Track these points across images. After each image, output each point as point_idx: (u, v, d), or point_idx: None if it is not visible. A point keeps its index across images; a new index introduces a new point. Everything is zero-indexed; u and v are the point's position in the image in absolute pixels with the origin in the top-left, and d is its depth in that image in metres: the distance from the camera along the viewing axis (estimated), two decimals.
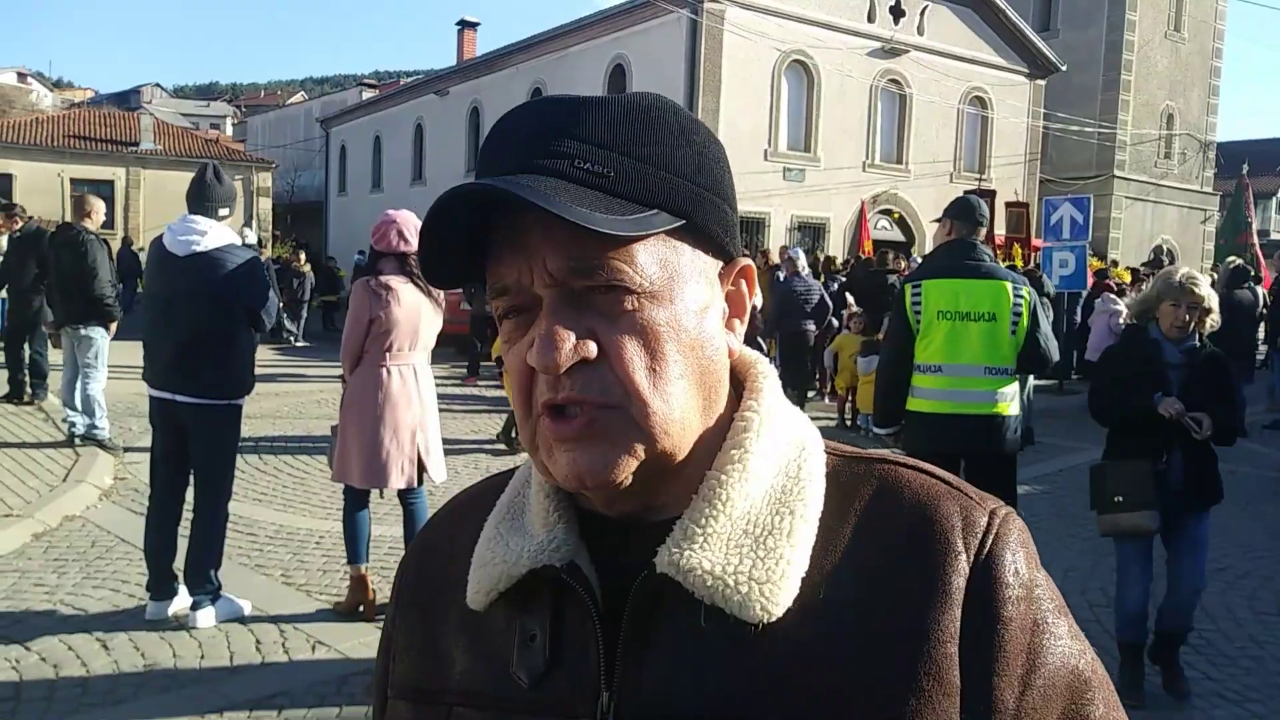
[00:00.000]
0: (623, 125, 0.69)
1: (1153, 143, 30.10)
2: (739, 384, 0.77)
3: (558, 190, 0.64)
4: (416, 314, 4.47)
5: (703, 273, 0.72)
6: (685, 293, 0.70)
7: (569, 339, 0.66)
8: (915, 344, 4.40)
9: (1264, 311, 13.80)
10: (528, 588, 0.72)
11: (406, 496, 4.62)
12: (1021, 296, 4.32)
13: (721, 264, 0.74)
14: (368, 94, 39.95)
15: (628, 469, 0.68)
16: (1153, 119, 30.01)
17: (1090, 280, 13.98)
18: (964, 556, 0.69)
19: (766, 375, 0.78)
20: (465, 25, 34.34)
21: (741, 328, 0.76)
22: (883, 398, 4.64)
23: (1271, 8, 34.55)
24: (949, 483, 0.74)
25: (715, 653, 0.67)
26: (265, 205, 31.88)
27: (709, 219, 0.72)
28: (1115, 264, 20.06)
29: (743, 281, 0.77)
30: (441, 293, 4.59)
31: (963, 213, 4.60)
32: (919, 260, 17.90)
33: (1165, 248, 30.52)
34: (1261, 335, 13.70)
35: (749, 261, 0.77)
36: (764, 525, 0.70)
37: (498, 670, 0.74)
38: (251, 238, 15.51)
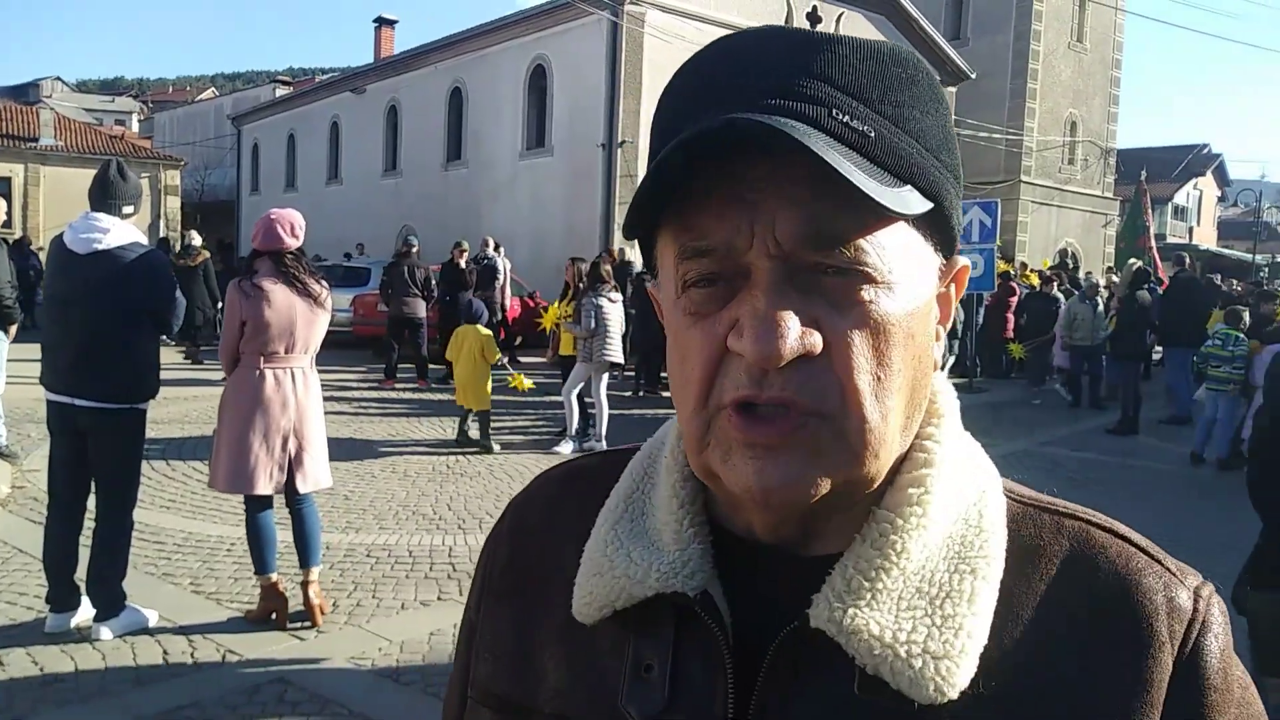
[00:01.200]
0: (881, 77, 0.57)
1: (1057, 149, 31.19)
2: None
3: (816, 141, 0.52)
4: (290, 316, 4.36)
5: (932, 269, 0.61)
6: (917, 290, 0.59)
7: (795, 326, 0.54)
8: None
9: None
10: (647, 609, 0.63)
11: (294, 502, 4.51)
12: None
13: (943, 260, 0.63)
14: (281, 91, 39.01)
15: (822, 490, 0.57)
16: (1057, 126, 31.12)
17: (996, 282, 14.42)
18: (1169, 648, 0.59)
19: (949, 396, 0.67)
20: (383, 22, 33.82)
21: (944, 336, 0.65)
22: None
23: (1166, 22, 36.15)
24: (1149, 552, 0.64)
25: None
26: (173, 204, 30.87)
27: (952, 206, 0.61)
28: (1025, 266, 20.71)
29: (954, 284, 0.65)
30: (325, 293, 4.47)
31: None
32: None
33: (1070, 250, 31.68)
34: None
35: (967, 262, 0.66)
36: (941, 585, 0.59)
37: (600, 698, 0.64)
38: (196, 240, 15.04)
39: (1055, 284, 15.89)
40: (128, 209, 4.35)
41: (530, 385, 9.84)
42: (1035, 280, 17.84)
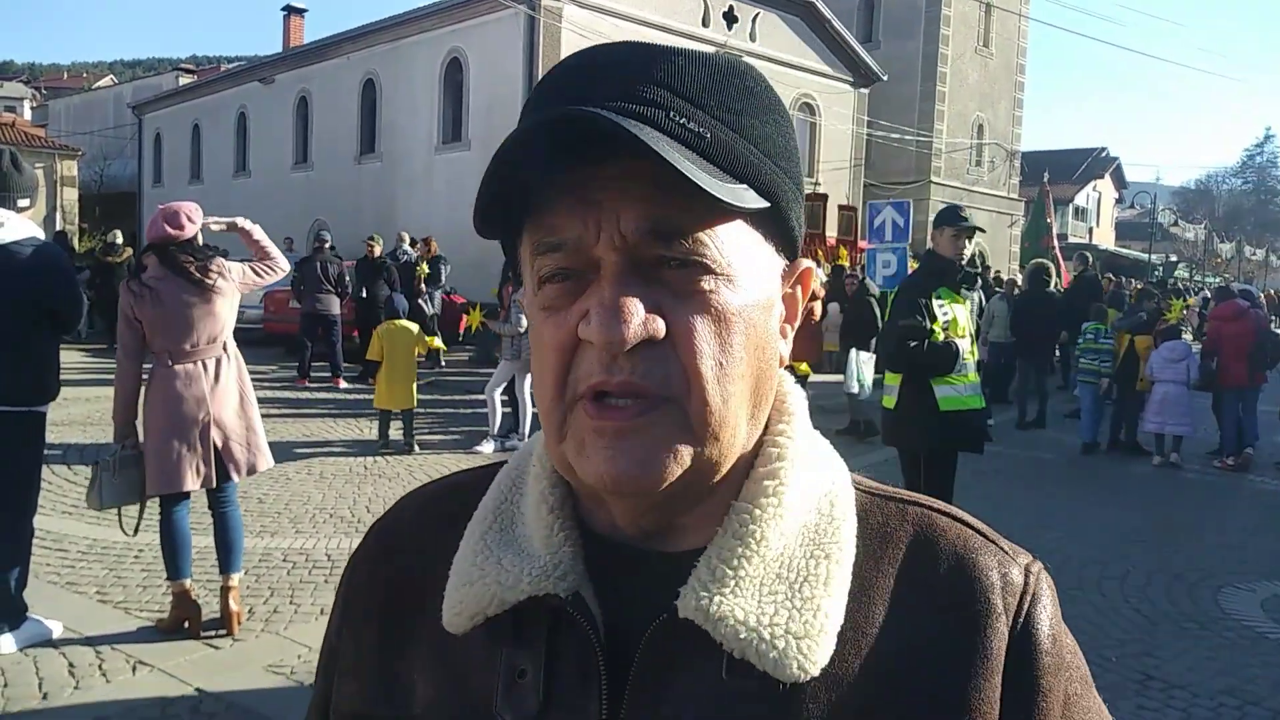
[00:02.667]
0: (718, 86, 0.61)
1: (965, 151, 32.13)
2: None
3: (657, 141, 0.55)
4: (184, 310, 4.21)
5: (772, 266, 0.65)
6: (757, 284, 0.62)
7: (639, 311, 0.58)
8: None
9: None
10: (518, 615, 0.64)
11: (218, 504, 4.40)
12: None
13: (786, 261, 0.67)
14: (185, 79, 37.72)
15: (672, 474, 0.59)
16: (965, 128, 32.04)
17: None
18: (1004, 619, 0.64)
19: (798, 396, 0.71)
20: (292, 11, 32.91)
21: (791, 335, 0.69)
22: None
23: (1067, 30, 37.56)
24: (984, 534, 0.69)
25: (736, 709, 0.60)
26: (70, 195, 29.57)
27: (790, 207, 0.65)
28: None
29: (799, 286, 0.69)
30: (219, 278, 4.24)
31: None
32: None
33: (978, 250, 32.66)
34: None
35: (811, 264, 0.70)
36: (799, 570, 0.63)
37: (473, 707, 0.65)
38: (119, 238, 14.43)
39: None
40: (23, 201, 4.15)
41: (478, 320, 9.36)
42: None
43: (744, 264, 0.61)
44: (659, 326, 0.58)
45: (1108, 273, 21.37)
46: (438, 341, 9.53)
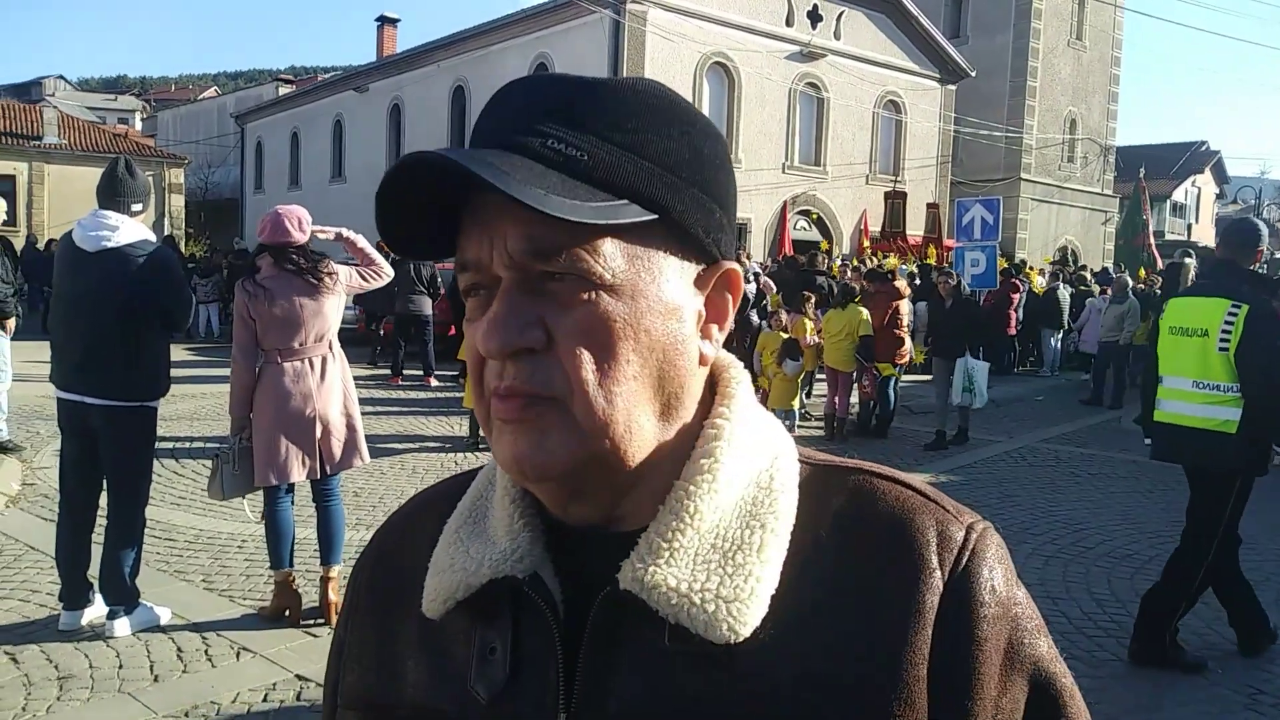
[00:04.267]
0: (607, 108, 0.65)
1: (1056, 147, 31.20)
2: (713, 390, 0.73)
3: (519, 169, 0.61)
4: (297, 309, 4.40)
5: (679, 273, 0.67)
6: (652, 291, 0.65)
7: (514, 325, 0.63)
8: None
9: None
10: (488, 598, 0.69)
11: (321, 497, 4.57)
12: (1234, 314, 4.30)
13: (702, 266, 0.69)
14: (284, 89, 39.01)
15: (560, 462, 0.64)
16: (1056, 124, 31.11)
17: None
18: (938, 573, 0.66)
19: (739, 380, 0.73)
20: (385, 21, 33.82)
21: (721, 334, 0.71)
22: (1141, 408, 4.84)
23: (1165, 19, 36.10)
24: (925, 495, 0.71)
25: (679, 674, 0.64)
26: (178, 202, 30.90)
27: (688, 216, 0.67)
28: (1024, 263, 20.72)
29: (726, 287, 0.71)
30: (329, 277, 4.47)
31: (1226, 234, 4.73)
32: (842, 260, 18.21)
33: (1069, 248, 31.68)
34: None
35: (734, 265, 0.72)
36: (733, 540, 0.66)
37: (454, 685, 0.70)
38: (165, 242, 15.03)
39: (1060, 279, 15.90)
40: (136, 206, 4.36)
41: None
42: (1035, 277, 17.85)
43: (635, 273, 0.65)
44: (536, 336, 0.63)
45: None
46: None
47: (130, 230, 4.27)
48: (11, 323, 7.73)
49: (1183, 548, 4.53)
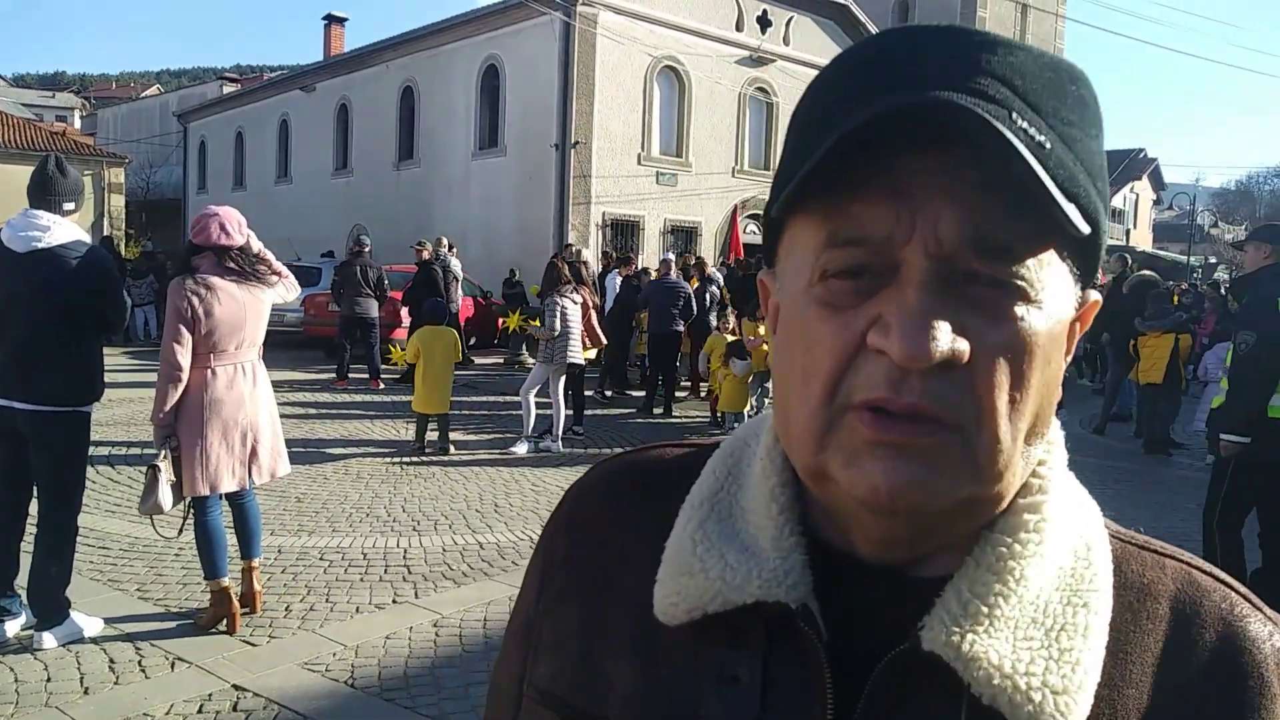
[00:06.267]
0: (1057, 91, 0.55)
1: None
2: None
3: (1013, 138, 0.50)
4: (240, 311, 4.33)
5: (1071, 297, 0.58)
6: (1060, 314, 0.56)
7: (947, 329, 0.51)
8: None
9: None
10: (735, 618, 0.60)
11: (235, 496, 4.49)
12: None
13: (1080, 290, 0.59)
14: (229, 88, 38.36)
15: (947, 500, 0.54)
16: None
17: None
18: (1279, 699, 0.58)
19: (1057, 425, 0.63)
20: (333, 20, 33.42)
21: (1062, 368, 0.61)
22: (1254, 405, 4.79)
23: (1104, 29, 37.05)
24: (1249, 599, 0.63)
25: None
26: (118, 202, 30.18)
27: (1104, 235, 0.58)
28: None
29: (1085, 317, 0.61)
30: (275, 275, 4.45)
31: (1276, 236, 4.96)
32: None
33: None
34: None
35: (1099, 297, 0.62)
36: (1055, 617, 0.57)
37: (677, 708, 0.61)
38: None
39: None
40: (68, 205, 4.23)
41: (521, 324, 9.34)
42: None
43: (1053, 291, 0.55)
44: (963, 348, 0.52)
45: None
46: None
47: (63, 231, 4.15)
48: None
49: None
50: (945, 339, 0.51)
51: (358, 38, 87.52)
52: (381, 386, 12.53)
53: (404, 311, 13.67)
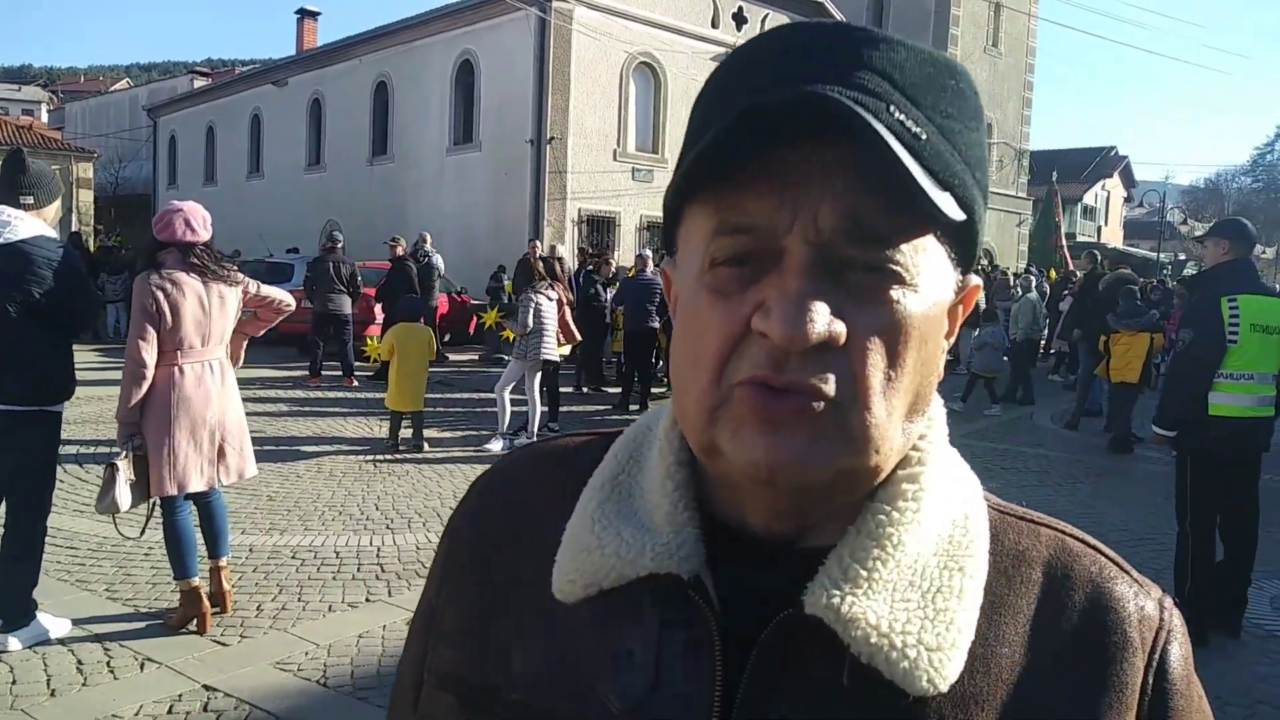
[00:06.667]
0: (934, 84, 0.58)
1: None
2: None
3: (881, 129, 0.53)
4: (206, 307, 4.29)
5: (950, 281, 0.61)
6: (936, 297, 0.59)
7: (824, 312, 0.54)
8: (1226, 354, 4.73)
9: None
10: (631, 593, 0.62)
11: (201, 495, 4.44)
12: None
13: (960, 276, 0.63)
14: (199, 82, 37.94)
15: (826, 474, 0.56)
16: None
17: None
18: (1140, 654, 0.62)
19: (939, 403, 0.67)
20: (305, 14, 33.08)
21: (945, 350, 0.64)
22: (1186, 401, 4.85)
23: (1075, 29, 37.31)
24: (1117, 562, 0.67)
25: (852, 716, 0.58)
26: (86, 197, 29.77)
27: (981, 223, 0.60)
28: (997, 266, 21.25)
29: (966, 301, 0.65)
30: (237, 275, 4.44)
31: (1241, 234, 5.01)
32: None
33: (986, 249, 32.56)
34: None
35: (979, 281, 0.66)
36: (932, 580, 0.60)
37: (573, 684, 0.63)
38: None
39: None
40: (27, 199, 4.14)
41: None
42: (1010, 280, 18.34)
43: (929, 275, 0.58)
44: (840, 330, 0.55)
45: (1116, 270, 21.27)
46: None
47: (25, 226, 4.07)
48: None
49: (1247, 527, 4.96)
50: (822, 322, 0.54)
51: (331, 32, 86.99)
52: (355, 384, 12.46)
53: (378, 308, 13.59)
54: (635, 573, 0.61)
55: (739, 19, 24.17)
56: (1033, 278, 16.91)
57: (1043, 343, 15.51)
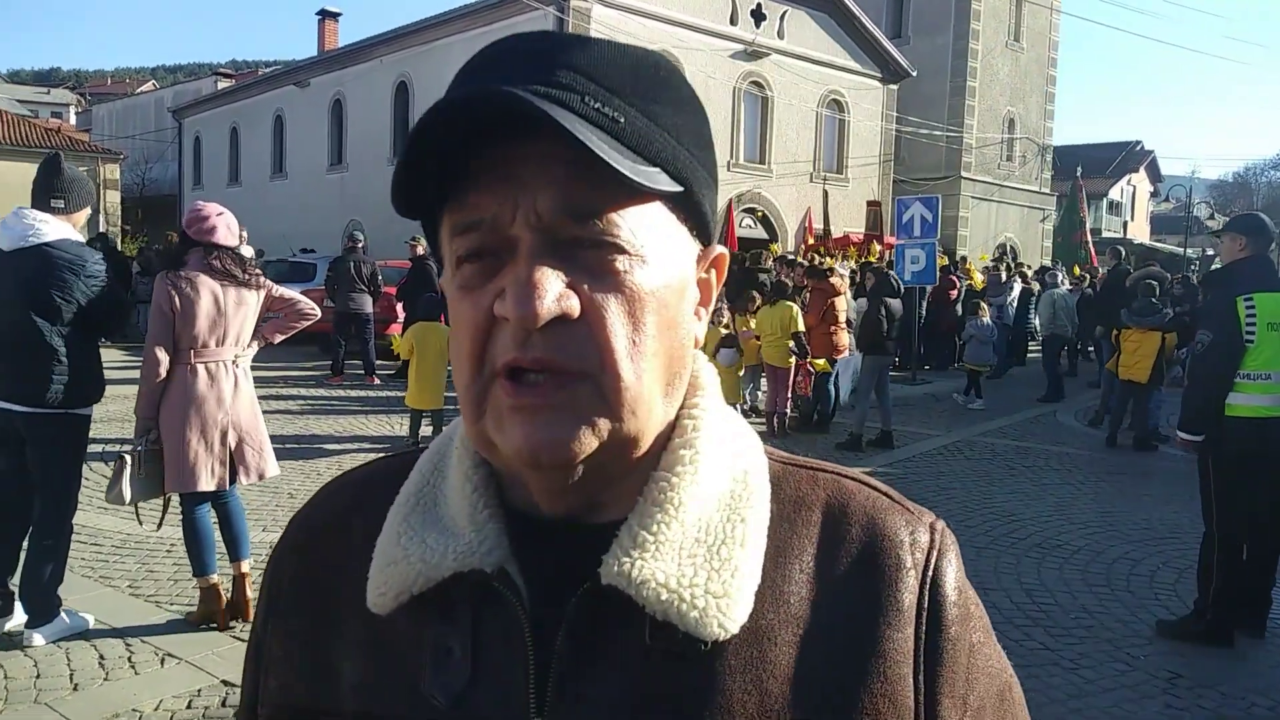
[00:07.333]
0: (633, 74, 0.63)
1: (996, 146, 31.78)
2: None
3: (572, 123, 0.57)
4: (223, 308, 4.33)
5: (686, 251, 0.66)
6: (670, 265, 0.63)
7: (553, 289, 0.58)
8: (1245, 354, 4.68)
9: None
10: (443, 594, 0.64)
11: (219, 497, 4.47)
12: None
13: (700, 247, 0.68)
14: (223, 84, 38.26)
15: (588, 446, 0.60)
16: (995, 123, 31.68)
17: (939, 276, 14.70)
18: (913, 573, 0.67)
19: (710, 372, 0.72)
20: (326, 15, 33.31)
21: (706, 317, 0.70)
22: (1206, 404, 4.78)
23: (1099, 23, 36.89)
24: (890, 496, 0.72)
25: (660, 671, 0.62)
26: (113, 198, 30.10)
27: (702, 193, 0.66)
28: (965, 259, 21.09)
29: (713, 271, 0.70)
30: (255, 277, 4.46)
31: (1258, 230, 4.95)
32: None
33: (1009, 245, 32.30)
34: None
35: (724, 250, 0.71)
36: (715, 533, 0.64)
37: (400, 688, 0.65)
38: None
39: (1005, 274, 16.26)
40: (56, 202, 4.20)
41: None
42: (977, 277, 18.17)
43: (657, 246, 0.62)
44: (573, 304, 0.59)
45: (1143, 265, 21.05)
46: None
47: (52, 229, 4.11)
48: None
49: (1271, 526, 4.83)
50: (551, 297, 0.58)
51: (352, 32, 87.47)
52: (377, 382, 12.55)
53: (399, 307, 13.68)
54: (440, 575, 0.64)
55: (757, 16, 24.11)
56: (1059, 274, 16.76)
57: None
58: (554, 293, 0.58)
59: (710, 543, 0.64)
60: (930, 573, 0.68)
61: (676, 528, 0.63)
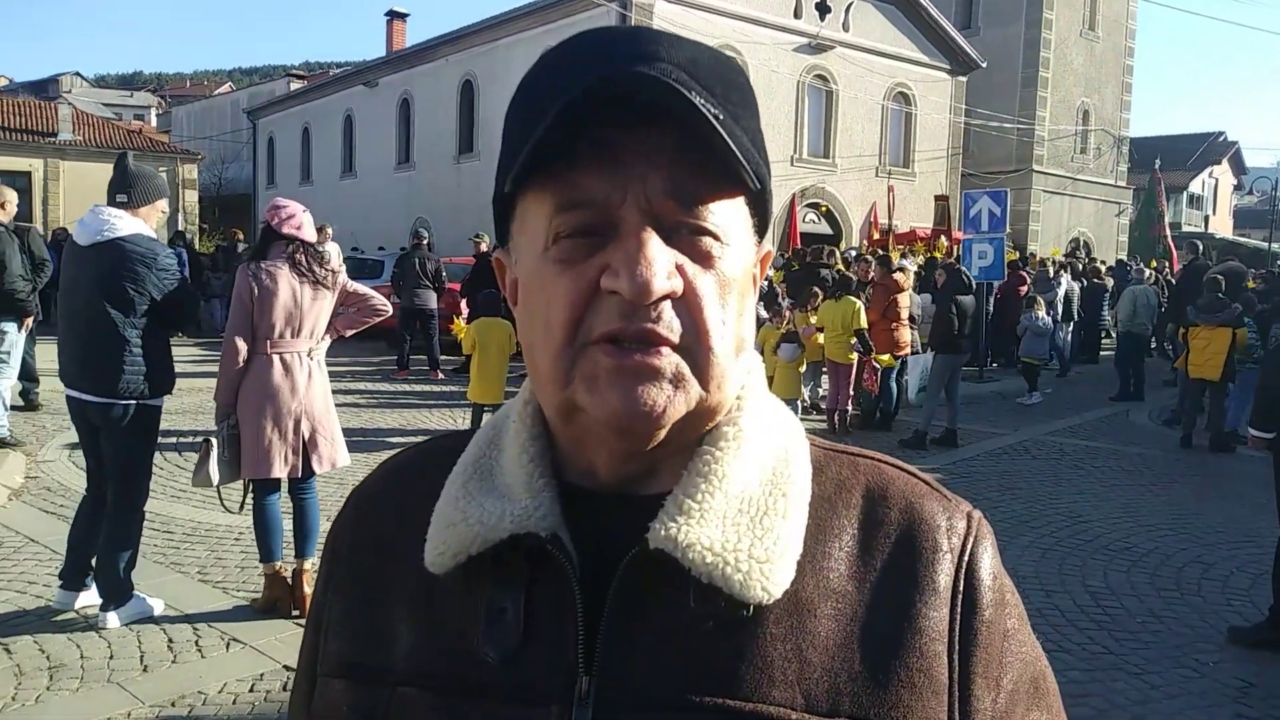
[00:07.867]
0: (721, 74, 0.67)
1: (1069, 138, 30.94)
2: None
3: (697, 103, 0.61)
4: (299, 301, 4.44)
5: (752, 244, 0.71)
6: (746, 256, 0.69)
7: (666, 266, 0.63)
8: None
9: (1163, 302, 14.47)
10: (498, 557, 0.68)
11: (296, 491, 4.59)
12: None
13: (757, 241, 0.73)
14: (296, 85, 39.15)
15: (677, 412, 0.64)
16: (1069, 115, 30.85)
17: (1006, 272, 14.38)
18: (950, 556, 0.70)
19: (756, 359, 0.76)
20: (394, 16, 33.86)
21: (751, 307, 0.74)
22: (1273, 404, 4.75)
23: (1179, 8, 35.59)
24: (928, 483, 0.75)
25: (703, 635, 0.65)
26: (191, 198, 31.04)
27: (770, 195, 0.71)
28: (1034, 255, 20.59)
29: (761, 267, 0.75)
30: (333, 275, 4.58)
31: None
32: (854, 253, 18.11)
33: (1082, 240, 31.45)
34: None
35: (771, 249, 0.77)
36: (758, 505, 0.68)
37: (455, 648, 0.68)
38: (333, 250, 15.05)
39: (1066, 271, 15.80)
40: (121, 197, 4.32)
41: None
42: (1050, 270, 17.72)
43: (739, 236, 0.68)
44: (679, 284, 0.63)
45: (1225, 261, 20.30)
46: None
47: (124, 224, 4.25)
48: (29, 320, 7.80)
49: None
50: (663, 275, 0.62)
51: (419, 33, 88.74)
52: (441, 376, 12.74)
53: (463, 303, 13.85)
54: (498, 536, 0.67)
55: (822, 9, 23.84)
56: (1145, 269, 16.26)
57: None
58: (665, 271, 0.62)
59: (753, 513, 0.67)
60: (966, 557, 0.71)
61: (720, 498, 0.67)
